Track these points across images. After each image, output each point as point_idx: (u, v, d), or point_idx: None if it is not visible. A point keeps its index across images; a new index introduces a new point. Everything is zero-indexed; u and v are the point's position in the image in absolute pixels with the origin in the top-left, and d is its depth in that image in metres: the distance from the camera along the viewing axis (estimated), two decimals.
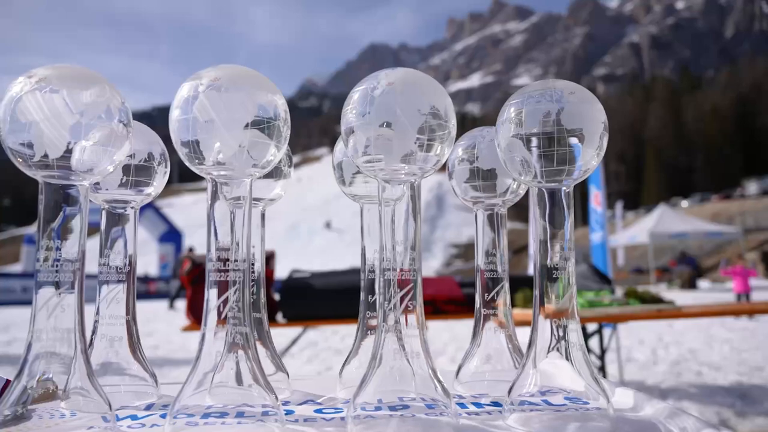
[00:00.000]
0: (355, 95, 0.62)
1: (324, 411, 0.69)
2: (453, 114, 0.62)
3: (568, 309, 0.66)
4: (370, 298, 0.82)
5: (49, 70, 0.58)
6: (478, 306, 0.86)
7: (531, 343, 0.67)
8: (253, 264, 0.82)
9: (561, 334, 0.66)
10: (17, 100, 0.56)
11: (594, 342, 3.55)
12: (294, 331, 4.32)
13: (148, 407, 0.72)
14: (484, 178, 0.84)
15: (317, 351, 6.40)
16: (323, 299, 2.68)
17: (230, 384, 0.60)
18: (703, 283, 23.21)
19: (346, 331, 7.88)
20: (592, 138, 0.62)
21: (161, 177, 0.81)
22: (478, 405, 0.72)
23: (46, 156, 0.57)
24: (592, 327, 3.35)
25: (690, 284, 20.31)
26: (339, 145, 0.84)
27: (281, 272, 3.62)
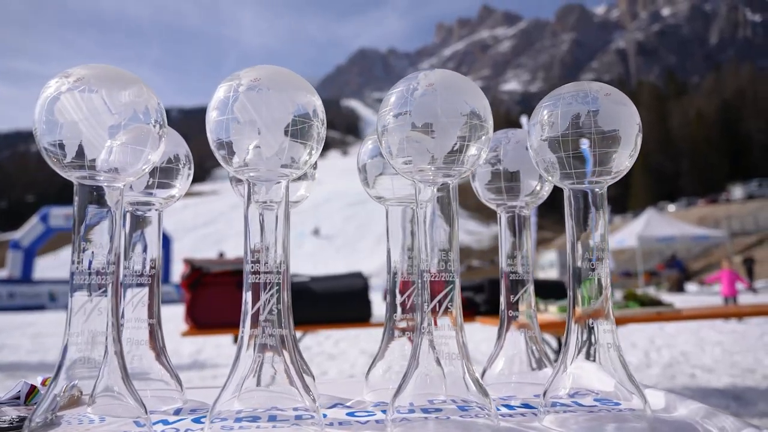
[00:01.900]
0: (392, 98, 0.62)
1: (356, 414, 0.69)
2: (491, 115, 0.62)
3: (603, 310, 0.66)
4: (399, 300, 0.81)
5: (86, 69, 0.57)
6: (502, 308, 0.86)
7: (566, 345, 0.67)
8: None
9: (593, 335, 0.66)
10: (54, 100, 0.55)
11: None
12: None
13: (177, 412, 0.71)
14: (507, 180, 0.84)
15: (311, 356, 6.37)
16: (323, 303, 2.67)
17: (270, 387, 0.59)
18: (690, 287, 23.42)
19: (340, 335, 7.86)
20: (628, 139, 0.63)
21: (185, 179, 0.80)
22: (509, 407, 0.72)
23: (82, 157, 0.56)
24: None
25: (678, 287, 20.49)
26: (363, 148, 0.84)
27: None
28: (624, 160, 0.64)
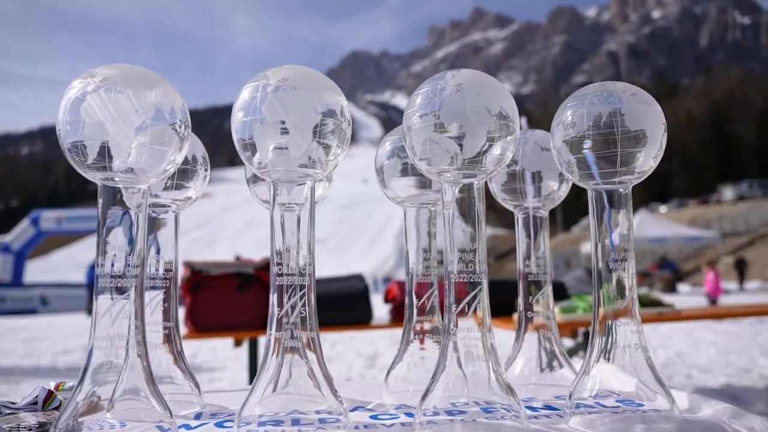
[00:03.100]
0: (418, 98, 0.61)
1: (380, 417, 0.68)
2: (517, 115, 0.62)
3: (628, 310, 0.65)
4: (416, 303, 0.81)
5: (111, 69, 0.56)
6: (520, 309, 0.85)
7: (591, 346, 0.67)
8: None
9: (618, 336, 0.66)
10: (79, 100, 0.54)
11: None
12: None
13: (197, 416, 0.71)
14: (523, 181, 0.84)
15: None
16: (324, 305, 2.65)
17: (298, 390, 0.58)
18: (683, 287, 23.55)
19: (336, 338, 7.84)
20: (654, 139, 0.62)
21: (201, 181, 0.80)
22: (532, 409, 0.71)
23: (108, 157, 0.55)
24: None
25: (670, 288, 20.59)
26: (381, 149, 0.83)
27: None
28: (648, 160, 0.64)
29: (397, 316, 2.91)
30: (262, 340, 2.89)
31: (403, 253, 0.89)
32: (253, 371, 2.78)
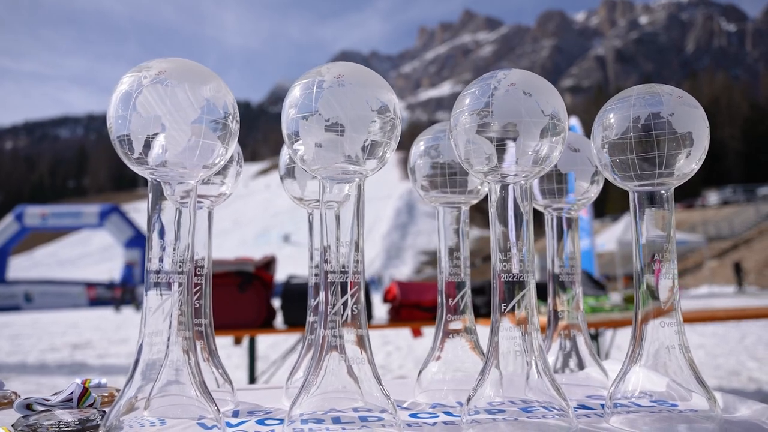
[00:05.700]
0: (467, 99, 0.61)
1: (419, 416, 0.68)
2: (566, 116, 0.62)
3: (668, 311, 0.66)
4: (450, 302, 0.81)
5: (165, 63, 0.56)
6: (549, 309, 0.86)
7: (631, 346, 0.67)
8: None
9: (658, 336, 0.66)
10: (133, 93, 0.54)
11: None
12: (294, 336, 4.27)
13: (235, 414, 0.70)
14: (556, 181, 0.84)
15: None
16: None
17: (349, 388, 0.58)
18: None
19: None
20: (700, 142, 0.63)
21: (235, 177, 0.79)
22: None
23: (159, 151, 0.55)
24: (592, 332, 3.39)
25: None
26: (413, 150, 0.83)
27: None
28: (692, 162, 0.64)
29: (396, 317, 2.91)
30: (261, 339, 2.88)
31: (389, 254, 0.88)
32: (252, 369, 2.77)
